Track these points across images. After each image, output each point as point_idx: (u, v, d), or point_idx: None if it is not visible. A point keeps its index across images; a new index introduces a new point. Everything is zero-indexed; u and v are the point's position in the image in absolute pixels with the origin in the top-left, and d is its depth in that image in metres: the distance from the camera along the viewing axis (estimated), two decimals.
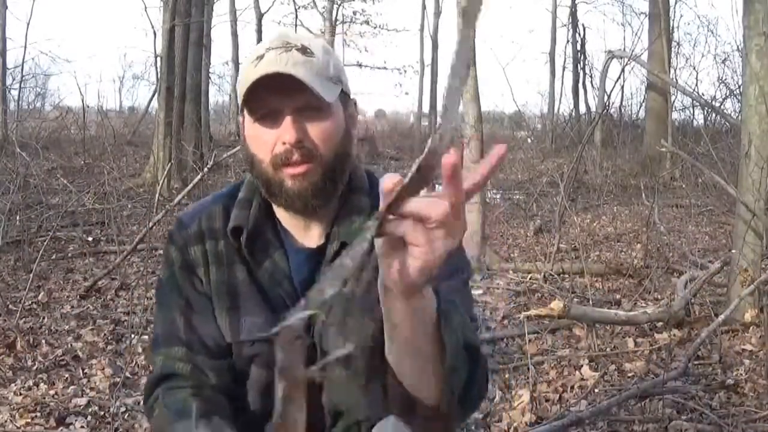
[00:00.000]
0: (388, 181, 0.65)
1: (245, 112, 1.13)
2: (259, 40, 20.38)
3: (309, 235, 1.20)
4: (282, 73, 1.06)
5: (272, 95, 1.08)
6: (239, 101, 1.14)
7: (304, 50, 1.10)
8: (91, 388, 3.13)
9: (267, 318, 1.17)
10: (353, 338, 1.12)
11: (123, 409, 2.90)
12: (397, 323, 0.81)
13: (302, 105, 1.09)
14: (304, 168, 1.10)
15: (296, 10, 21.69)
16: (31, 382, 3.13)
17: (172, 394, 1.16)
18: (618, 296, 4.74)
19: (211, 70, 17.44)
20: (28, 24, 19.79)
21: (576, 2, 19.42)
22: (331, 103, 1.11)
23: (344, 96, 1.17)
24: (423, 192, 0.66)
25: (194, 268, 1.21)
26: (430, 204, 0.65)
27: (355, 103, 1.23)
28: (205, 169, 4.88)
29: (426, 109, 23.48)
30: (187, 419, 1.08)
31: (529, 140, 18.07)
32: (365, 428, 1.15)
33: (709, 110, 13.31)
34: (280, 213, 1.20)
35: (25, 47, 15.77)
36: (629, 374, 3.34)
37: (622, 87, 15.47)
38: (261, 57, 1.09)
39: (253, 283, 1.20)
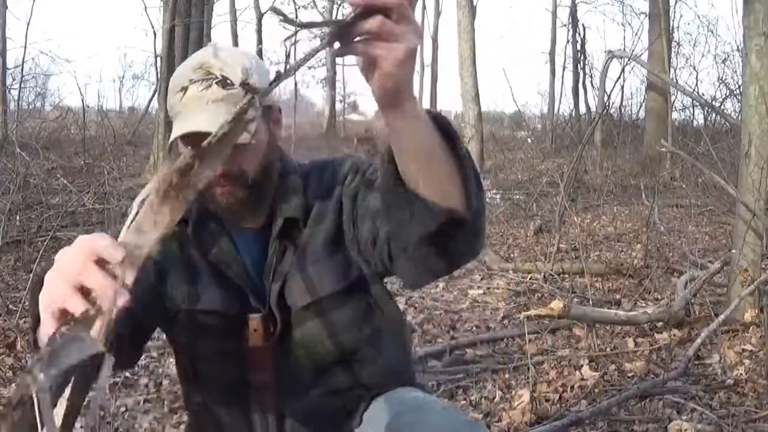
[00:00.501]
0: None
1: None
2: (260, 40, 20.45)
3: (251, 218, 1.31)
4: (200, 133, 1.12)
5: (188, 144, 1.17)
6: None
7: (224, 82, 1.18)
8: (91, 388, 3.12)
9: (223, 296, 1.27)
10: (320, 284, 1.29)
11: (123, 409, 2.91)
12: (399, 130, 0.90)
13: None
14: (231, 189, 1.22)
15: (296, 10, 21.69)
16: None
17: None
18: (618, 296, 4.73)
19: None
20: (28, 24, 19.79)
21: (576, 2, 19.43)
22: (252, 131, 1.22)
23: (266, 109, 1.26)
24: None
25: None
26: None
27: (280, 109, 1.33)
28: None
29: None
30: None
31: (529, 140, 18.07)
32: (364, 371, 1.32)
33: (709, 110, 13.31)
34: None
35: (25, 47, 15.76)
36: (629, 374, 3.33)
37: (622, 87, 15.50)
38: (185, 89, 1.18)
39: (208, 264, 1.29)
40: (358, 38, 0.79)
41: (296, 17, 21.28)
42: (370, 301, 1.33)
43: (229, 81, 1.18)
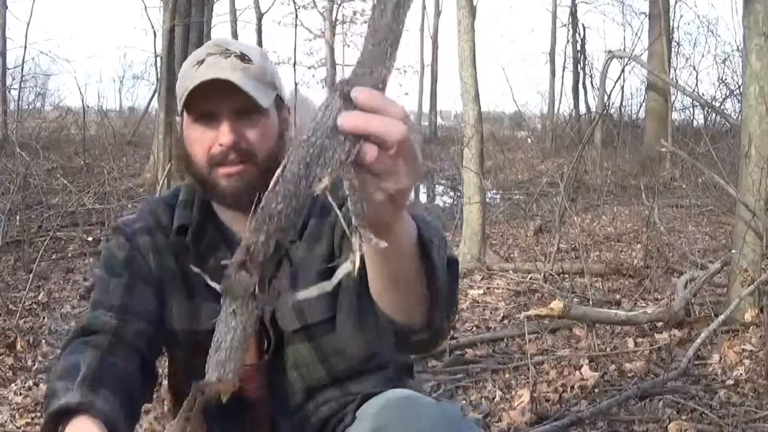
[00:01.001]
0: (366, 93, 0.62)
1: (184, 113, 1.20)
2: (260, 40, 20.42)
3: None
4: (220, 79, 1.12)
5: (211, 99, 1.14)
6: (179, 103, 1.20)
7: (242, 57, 1.16)
8: None
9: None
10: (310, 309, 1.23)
11: None
12: (377, 254, 0.80)
13: (239, 108, 1.16)
14: (239, 168, 1.16)
15: (296, 10, 21.67)
16: (31, 382, 3.13)
17: (78, 350, 1.13)
18: (618, 296, 4.73)
19: None
20: (28, 24, 19.75)
21: (576, 2, 19.42)
22: (267, 108, 1.19)
23: (279, 101, 1.25)
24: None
25: (144, 255, 1.24)
26: (388, 123, 0.63)
27: (289, 109, 1.30)
28: None
29: (426, 108, 23.50)
30: (70, 380, 1.04)
31: (529, 140, 18.07)
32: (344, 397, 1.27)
33: (709, 110, 13.30)
34: (220, 210, 1.26)
35: (25, 47, 15.75)
36: (629, 374, 3.33)
37: (622, 87, 15.51)
38: (201, 62, 1.16)
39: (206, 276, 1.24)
40: (347, 158, 0.63)
41: (296, 17, 21.30)
42: None
43: (247, 57, 1.17)
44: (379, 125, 0.62)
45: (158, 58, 13.29)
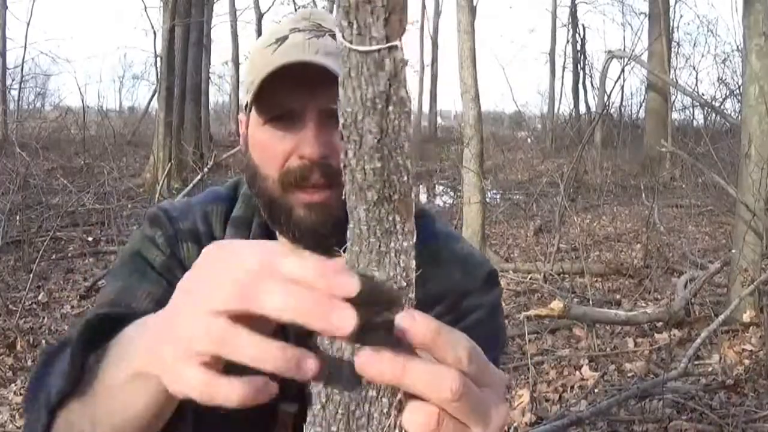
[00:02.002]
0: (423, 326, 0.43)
1: (253, 109, 0.85)
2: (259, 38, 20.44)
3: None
4: (310, 63, 0.78)
5: (293, 91, 0.81)
6: (248, 96, 0.85)
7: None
8: None
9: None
10: None
11: None
12: None
13: (332, 108, 0.78)
14: (324, 195, 0.81)
15: (296, 10, 21.67)
16: None
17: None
18: (618, 296, 4.73)
19: (211, 70, 17.45)
20: (28, 24, 19.80)
21: (576, 2, 19.43)
22: None
23: None
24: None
25: (185, 269, 0.82)
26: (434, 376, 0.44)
27: None
28: (205, 169, 4.89)
29: (426, 109, 23.50)
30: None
31: (529, 140, 18.07)
32: None
33: (709, 110, 13.31)
34: (283, 241, 0.90)
35: (25, 47, 15.80)
36: (629, 374, 3.33)
37: (622, 87, 15.51)
38: (283, 39, 0.83)
39: None
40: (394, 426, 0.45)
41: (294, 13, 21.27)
42: None
43: None
44: (423, 376, 0.43)
45: (158, 58, 13.30)
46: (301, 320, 0.42)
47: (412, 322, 0.43)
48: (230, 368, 0.46)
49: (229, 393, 0.45)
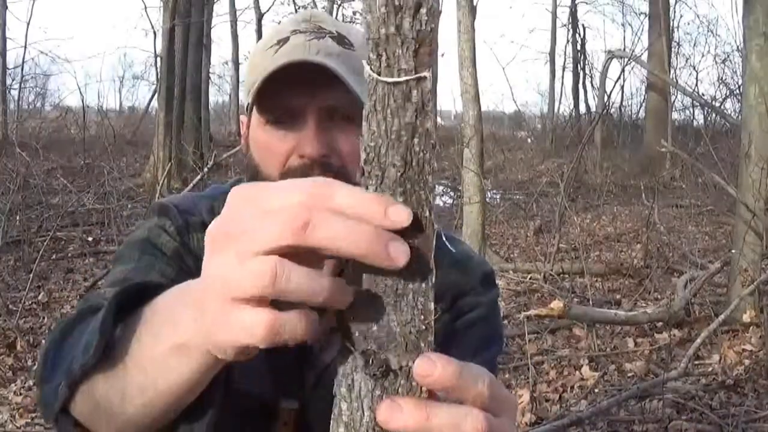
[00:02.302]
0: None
1: (255, 109, 0.86)
2: (259, 40, 20.43)
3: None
4: (311, 63, 0.79)
5: (294, 91, 0.82)
6: (249, 97, 0.86)
7: (341, 39, 0.85)
8: None
9: (261, 372, 0.89)
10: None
11: None
12: None
13: (332, 107, 0.83)
14: None
15: (296, 10, 21.70)
16: (31, 382, 3.13)
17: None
18: (618, 296, 4.74)
19: (211, 70, 17.46)
20: (28, 24, 19.79)
21: (576, 2, 19.43)
22: None
23: None
24: None
25: (196, 257, 0.87)
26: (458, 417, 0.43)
27: None
28: (205, 169, 4.89)
29: None
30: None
31: (529, 140, 18.07)
32: None
33: (709, 110, 13.31)
34: None
35: (25, 47, 15.79)
36: (629, 374, 3.33)
37: (622, 87, 15.54)
38: (284, 41, 0.84)
39: None
40: None
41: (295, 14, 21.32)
42: None
43: (348, 41, 0.85)
44: (448, 420, 0.42)
45: (158, 58, 13.31)
46: (358, 252, 0.41)
47: (432, 368, 0.42)
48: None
49: (296, 326, 0.43)
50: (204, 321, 0.46)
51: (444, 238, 0.99)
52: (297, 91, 0.82)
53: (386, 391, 0.42)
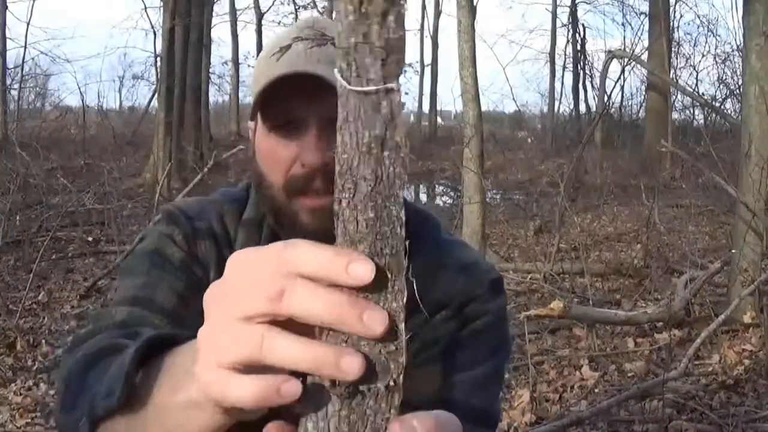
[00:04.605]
0: None
1: (259, 117, 0.88)
2: (259, 40, 20.40)
3: None
4: (310, 74, 0.81)
5: (295, 100, 0.84)
6: (252, 105, 0.89)
7: None
8: None
9: None
10: None
11: None
12: None
13: (334, 116, 0.80)
14: (327, 201, 0.80)
15: (296, 10, 21.69)
16: (31, 382, 3.13)
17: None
18: (618, 296, 4.73)
19: (211, 70, 17.45)
20: (28, 24, 19.77)
21: (576, 2, 19.43)
22: None
23: None
24: None
25: (204, 265, 0.91)
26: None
27: None
28: (205, 169, 4.89)
29: (426, 108, 23.50)
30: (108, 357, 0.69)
31: (529, 140, 18.08)
32: None
33: (709, 110, 13.31)
34: None
35: (25, 47, 15.76)
36: (629, 374, 3.33)
37: (622, 87, 15.54)
38: (286, 48, 0.85)
39: None
40: None
41: (296, 17, 21.33)
42: None
43: None
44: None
45: (158, 58, 13.31)
46: (332, 322, 0.41)
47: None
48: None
49: (290, 389, 0.43)
50: (201, 382, 0.47)
51: (447, 241, 1.01)
52: (299, 99, 0.83)
53: (353, 411, 0.42)
